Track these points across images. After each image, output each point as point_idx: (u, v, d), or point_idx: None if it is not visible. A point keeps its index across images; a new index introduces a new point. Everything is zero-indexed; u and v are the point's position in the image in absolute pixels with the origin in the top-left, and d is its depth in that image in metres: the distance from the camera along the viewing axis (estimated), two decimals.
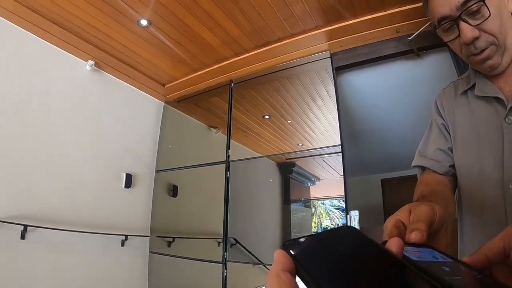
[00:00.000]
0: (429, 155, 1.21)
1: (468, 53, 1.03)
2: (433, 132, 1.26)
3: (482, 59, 1.01)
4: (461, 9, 0.94)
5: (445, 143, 1.21)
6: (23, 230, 3.11)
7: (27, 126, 3.31)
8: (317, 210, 3.84)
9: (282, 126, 3.99)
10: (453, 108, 1.20)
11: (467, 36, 0.96)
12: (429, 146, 1.24)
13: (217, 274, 3.67)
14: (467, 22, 0.96)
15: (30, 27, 3.33)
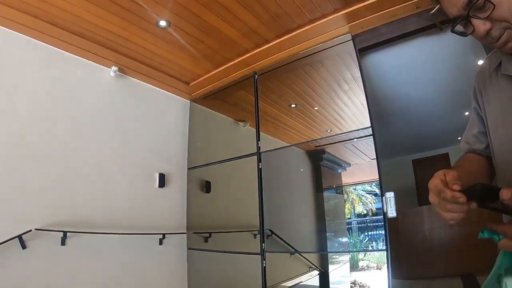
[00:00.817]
0: (466, 140, 1.37)
1: (487, 43, 1.05)
2: (471, 116, 1.35)
3: (501, 44, 1.02)
4: (468, 8, 0.98)
5: (476, 127, 1.31)
6: (63, 236, 3.23)
7: (58, 137, 3.42)
8: (349, 196, 3.78)
9: (309, 113, 3.95)
10: (486, 86, 1.23)
11: (480, 31, 1.00)
12: (466, 131, 1.37)
13: (254, 266, 3.69)
14: (477, 18, 0.98)
15: (51, 40, 3.43)
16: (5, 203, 2.95)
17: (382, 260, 3.30)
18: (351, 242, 3.66)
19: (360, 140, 3.33)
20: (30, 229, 3.00)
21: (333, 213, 3.77)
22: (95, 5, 3.05)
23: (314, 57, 3.65)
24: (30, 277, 2.99)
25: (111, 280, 3.60)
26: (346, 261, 3.60)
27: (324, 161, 3.80)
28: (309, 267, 3.76)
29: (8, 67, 3.17)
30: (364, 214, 3.74)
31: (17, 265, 2.92)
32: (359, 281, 3.34)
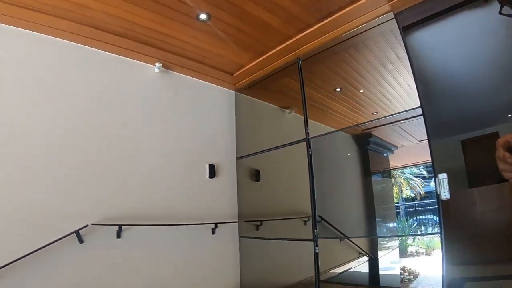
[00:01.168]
0: None
1: None
2: None
3: None
4: None
5: None
6: (118, 229, 3.45)
7: (108, 135, 3.65)
8: (397, 180, 3.66)
9: (355, 96, 3.86)
10: None
11: None
12: None
13: (304, 252, 3.72)
14: None
15: (95, 43, 3.64)
16: (62, 201, 3.20)
17: (432, 246, 3.17)
18: (399, 227, 3.54)
19: (407, 121, 3.20)
20: (86, 224, 3.24)
21: (381, 198, 3.68)
22: (135, 5, 3.19)
23: (357, 38, 3.55)
24: (88, 270, 3.23)
25: (166, 270, 3.79)
26: (395, 247, 3.50)
27: (371, 144, 3.70)
28: (358, 253, 3.71)
29: (57, 72, 3.42)
30: (412, 198, 3.61)
31: (75, 259, 3.16)
32: (408, 267, 3.24)
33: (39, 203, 3.06)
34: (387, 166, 3.69)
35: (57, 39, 3.44)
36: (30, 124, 3.16)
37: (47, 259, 2.96)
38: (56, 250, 3.02)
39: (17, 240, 2.86)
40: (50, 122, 3.28)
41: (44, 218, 3.04)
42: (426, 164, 3.01)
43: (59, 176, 3.22)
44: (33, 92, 3.24)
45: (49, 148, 3.22)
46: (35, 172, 3.09)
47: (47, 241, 2.95)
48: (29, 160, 3.09)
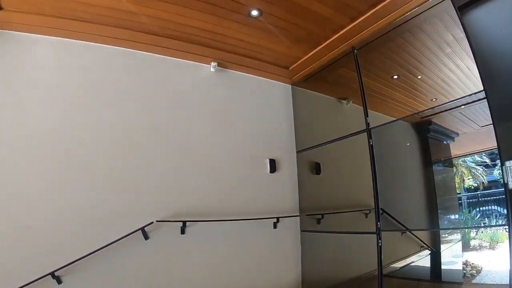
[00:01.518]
0: None
1: None
2: None
3: None
4: None
5: None
6: (182, 226, 3.65)
7: (169, 135, 3.88)
8: (458, 169, 3.42)
9: (413, 83, 3.69)
10: None
11: None
12: None
13: (366, 246, 3.64)
14: None
15: (148, 47, 3.87)
16: (128, 200, 3.47)
17: (495, 239, 2.93)
18: (461, 219, 3.32)
19: (468, 106, 2.99)
20: (151, 221, 3.48)
21: (442, 189, 3.47)
22: (185, 8, 3.34)
23: (411, 22, 3.38)
24: (153, 265, 3.47)
25: (229, 264, 3.94)
26: (457, 240, 3.29)
27: (431, 132, 3.50)
28: (420, 247, 3.55)
29: (113, 78, 3.70)
30: (474, 188, 3.36)
31: (140, 255, 3.42)
32: (470, 262, 3.03)
33: (107, 202, 3.36)
34: (448, 154, 3.48)
35: (117, 47, 3.75)
36: (98, 128, 3.49)
37: (115, 254, 3.24)
38: (123, 246, 3.28)
39: (88, 236, 3.17)
40: (116, 126, 3.59)
41: (112, 216, 3.34)
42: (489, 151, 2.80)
43: (125, 176, 3.51)
44: (100, 98, 3.57)
45: (116, 151, 3.53)
46: (103, 174, 3.41)
47: (115, 238, 3.22)
48: (98, 162, 3.41)
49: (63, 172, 3.23)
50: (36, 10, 3.16)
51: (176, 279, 3.56)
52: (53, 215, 3.09)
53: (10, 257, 2.85)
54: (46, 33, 3.40)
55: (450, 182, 3.52)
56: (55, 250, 3.00)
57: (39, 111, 3.25)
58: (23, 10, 3.12)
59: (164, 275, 3.50)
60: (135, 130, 3.69)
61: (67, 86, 3.43)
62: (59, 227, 3.09)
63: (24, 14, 3.16)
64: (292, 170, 4.79)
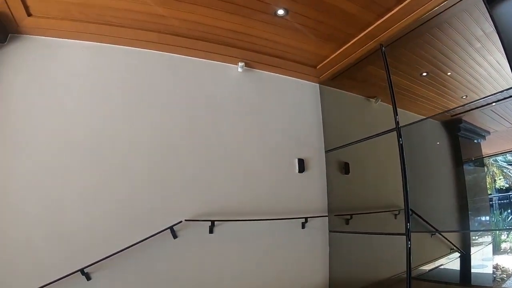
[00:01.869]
0: None
1: None
2: None
3: None
4: None
5: None
6: (211, 225, 3.71)
7: (199, 136, 3.96)
8: (489, 169, 3.29)
9: (442, 80, 3.58)
10: None
11: None
12: None
13: (395, 247, 3.57)
14: None
15: (177, 49, 3.97)
16: (158, 199, 3.57)
17: None
18: (492, 221, 3.19)
19: (500, 103, 2.88)
20: (180, 220, 3.57)
21: (473, 189, 3.34)
22: (212, 9, 3.39)
23: (439, 17, 3.29)
24: (182, 263, 3.55)
25: (257, 264, 3.97)
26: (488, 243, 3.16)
27: (462, 131, 3.39)
28: (450, 249, 3.44)
29: (144, 80, 3.83)
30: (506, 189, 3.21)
31: (169, 253, 3.50)
32: (501, 265, 2.91)
33: (138, 201, 3.48)
34: (479, 153, 3.35)
35: (146, 50, 3.88)
36: (132, 130, 3.63)
37: (144, 252, 3.35)
38: (152, 245, 3.39)
39: (118, 235, 3.29)
40: (149, 127, 3.73)
41: (142, 215, 3.45)
42: None
43: (157, 176, 3.62)
44: (133, 101, 3.72)
45: (150, 151, 3.66)
46: (135, 174, 3.54)
47: (144, 236, 3.33)
48: (132, 162, 3.55)
49: (97, 173, 3.38)
50: (64, 15, 3.31)
51: (204, 278, 3.63)
52: (86, 214, 3.24)
53: (44, 252, 3.02)
54: (75, 37, 3.57)
55: (481, 182, 3.40)
56: (86, 247, 3.14)
57: (72, 115, 3.41)
58: (51, 16, 3.28)
59: (192, 274, 3.58)
60: (168, 130, 3.80)
61: (99, 89, 3.59)
62: (91, 225, 3.23)
63: (52, 20, 3.31)
64: (321, 170, 4.76)
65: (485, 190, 3.35)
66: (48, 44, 3.46)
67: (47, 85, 3.38)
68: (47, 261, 3.00)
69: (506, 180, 3.22)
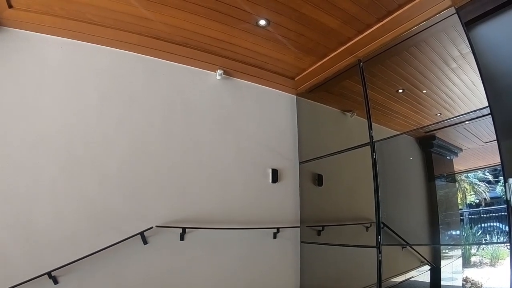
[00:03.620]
0: None
1: None
2: None
3: None
4: None
5: None
6: (182, 232, 3.64)
7: (174, 141, 3.90)
8: (461, 185, 3.40)
9: (418, 97, 3.69)
10: None
11: None
12: None
13: (366, 259, 3.61)
14: None
15: (157, 53, 3.91)
16: (129, 203, 3.47)
17: (496, 256, 2.90)
18: (463, 235, 3.29)
19: (473, 122, 2.99)
20: (151, 226, 3.48)
21: (444, 204, 3.45)
22: (195, 15, 3.38)
23: (418, 37, 3.40)
24: (151, 270, 3.46)
25: (227, 273, 3.91)
26: (458, 256, 3.25)
27: (435, 147, 3.49)
28: (420, 262, 3.51)
29: (121, 82, 3.73)
30: (476, 204, 3.33)
31: (139, 259, 3.41)
32: (471, 278, 3.00)
33: (109, 204, 3.37)
34: (451, 169, 3.46)
35: (126, 52, 3.80)
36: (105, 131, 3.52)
37: (113, 257, 3.24)
38: (122, 250, 3.28)
39: (87, 238, 3.17)
40: (123, 129, 3.62)
41: (112, 218, 3.35)
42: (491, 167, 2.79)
43: (129, 180, 3.53)
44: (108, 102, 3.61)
45: (122, 154, 3.55)
46: (107, 176, 3.42)
47: (113, 241, 3.22)
48: (104, 165, 3.43)
49: (67, 173, 3.24)
50: (46, 10, 3.19)
51: (174, 286, 3.55)
52: (54, 215, 3.10)
53: (10, 253, 2.86)
54: (55, 33, 3.44)
55: (452, 198, 3.50)
56: (54, 249, 3.01)
57: (46, 111, 3.28)
58: (32, 9, 3.16)
59: (161, 281, 3.49)
60: (143, 133, 3.72)
61: (75, 87, 3.47)
62: (59, 227, 3.09)
63: (33, 13, 3.19)
64: (294, 181, 4.77)
65: (456, 205, 3.45)
66: (27, 37, 3.32)
67: (22, 79, 3.24)
68: (12, 262, 2.85)
69: (477, 196, 3.33)
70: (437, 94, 3.46)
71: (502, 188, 2.54)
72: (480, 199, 3.29)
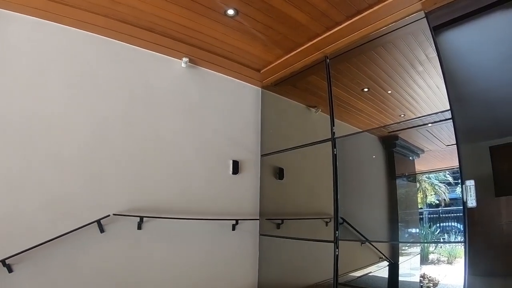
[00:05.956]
0: None
1: None
2: None
3: None
4: None
5: None
6: (140, 221, 3.52)
7: (135, 127, 3.72)
8: (422, 185, 3.55)
9: (382, 97, 3.77)
10: None
11: None
12: None
13: (325, 254, 3.66)
14: None
15: (123, 37, 3.71)
16: (86, 190, 3.29)
17: (454, 254, 3.07)
18: (422, 233, 3.44)
19: (435, 125, 3.10)
20: (108, 214, 3.33)
21: (405, 203, 3.58)
22: (164, 0, 3.21)
23: (386, 37, 3.45)
24: (108, 259, 3.32)
25: (185, 263, 3.84)
26: (416, 253, 3.41)
27: (397, 147, 3.61)
28: (379, 258, 3.64)
29: (85, 65, 3.51)
30: (436, 205, 3.49)
31: (95, 248, 3.26)
32: (428, 275, 3.15)
33: (66, 190, 3.17)
34: (413, 170, 3.59)
35: (91, 34, 3.56)
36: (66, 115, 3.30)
37: (69, 245, 3.07)
38: (78, 238, 3.12)
39: (43, 225, 2.98)
40: (84, 114, 3.41)
41: (69, 206, 3.16)
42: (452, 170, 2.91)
43: (86, 165, 3.33)
44: (71, 84, 3.38)
45: (78, 139, 3.33)
46: (65, 160, 3.21)
47: (69, 228, 3.05)
48: (58, 150, 3.20)
49: (25, 157, 3.02)
50: None
51: (130, 275, 3.43)
52: (10, 201, 2.89)
53: None
54: (18, 10, 3.15)
55: (413, 197, 3.64)
56: (8, 237, 2.81)
57: (5, 91, 3.02)
58: None
59: (118, 270, 3.36)
60: (104, 119, 3.52)
61: (37, 68, 3.21)
62: (14, 213, 2.89)
63: None
64: (255, 173, 4.75)
65: (416, 205, 3.58)
66: None
67: None
68: None
69: (437, 196, 3.48)
70: (402, 95, 3.55)
71: None
72: (440, 200, 3.44)
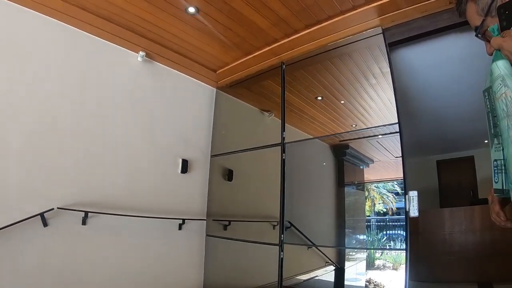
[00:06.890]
0: None
1: None
2: None
3: None
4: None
5: None
6: (84, 216, 3.33)
7: (84, 118, 3.50)
8: (370, 193, 3.71)
9: (335, 107, 3.89)
10: None
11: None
12: None
13: (271, 256, 3.69)
14: None
15: (80, 24, 3.50)
16: (29, 181, 3.05)
17: (399, 261, 3.25)
18: (369, 240, 3.60)
19: (385, 137, 3.25)
20: (52, 207, 3.11)
21: (353, 210, 3.72)
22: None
23: (343, 49, 3.57)
24: (51, 254, 3.11)
25: (129, 261, 3.70)
26: (363, 259, 3.56)
27: (348, 156, 3.74)
28: (325, 262, 3.74)
29: (37, 49, 3.26)
30: (383, 213, 3.68)
31: (38, 242, 3.04)
32: (374, 280, 3.30)
33: (8, 179, 2.93)
34: (362, 178, 3.74)
35: (48, 17, 3.30)
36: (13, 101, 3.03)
37: (10, 238, 2.84)
38: (20, 231, 2.89)
39: None
40: (33, 100, 3.16)
41: (11, 197, 2.92)
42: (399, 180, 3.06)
43: (31, 153, 3.09)
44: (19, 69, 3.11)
45: (24, 127, 3.08)
46: (8, 147, 2.96)
47: (10, 221, 2.81)
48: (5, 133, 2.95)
49: None
50: None
51: (73, 272, 3.23)
52: None
53: None
54: None
55: (361, 204, 3.78)
56: None
57: None
58: None
59: (60, 266, 3.15)
60: (54, 107, 3.28)
61: None
62: None
63: None
64: (204, 173, 4.69)
65: (364, 212, 3.73)
66: None
67: None
68: None
69: (384, 205, 3.64)
70: (354, 106, 3.69)
71: None
72: (387, 208, 3.61)
